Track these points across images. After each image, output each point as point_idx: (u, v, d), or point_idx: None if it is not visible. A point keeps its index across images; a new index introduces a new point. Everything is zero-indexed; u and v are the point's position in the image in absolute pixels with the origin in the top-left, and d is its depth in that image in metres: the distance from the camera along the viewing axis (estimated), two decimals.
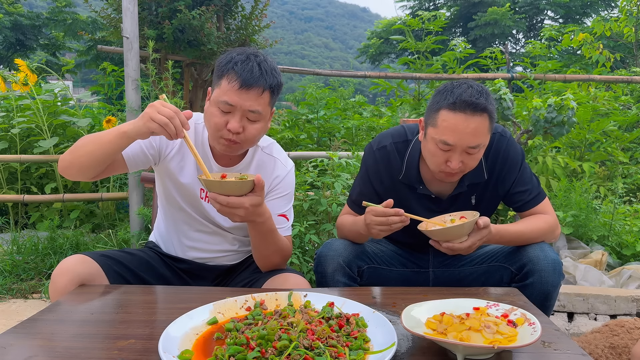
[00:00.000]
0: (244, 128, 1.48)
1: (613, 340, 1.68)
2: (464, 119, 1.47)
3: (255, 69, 1.45)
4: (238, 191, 1.34)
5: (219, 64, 1.50)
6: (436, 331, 1.09)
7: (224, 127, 1.47)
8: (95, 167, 1.49)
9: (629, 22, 7.10)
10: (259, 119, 1.50)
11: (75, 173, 1.52)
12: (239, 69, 1.45)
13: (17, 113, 4.52)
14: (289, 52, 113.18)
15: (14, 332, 1.16)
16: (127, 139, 1.43)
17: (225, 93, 1.45)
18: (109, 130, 1.46)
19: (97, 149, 1.46)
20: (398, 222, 1.47)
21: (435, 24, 5.32)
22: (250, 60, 1.46)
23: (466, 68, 5.76)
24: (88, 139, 1.49)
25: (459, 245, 1.47)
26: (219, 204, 1.34)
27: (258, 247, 1.57)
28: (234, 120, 1.46)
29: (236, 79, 1.44)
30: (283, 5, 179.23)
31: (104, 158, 1.47)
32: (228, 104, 1.45)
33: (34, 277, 3.33)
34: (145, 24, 4.70)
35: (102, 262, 1.51)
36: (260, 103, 1.47)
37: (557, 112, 3.39)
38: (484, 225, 1.47)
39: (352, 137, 5.02)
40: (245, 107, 1.46)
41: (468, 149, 1.50)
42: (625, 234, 3.37)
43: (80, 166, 1.50)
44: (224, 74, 1.47)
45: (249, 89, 1.44)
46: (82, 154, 1.48)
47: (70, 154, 1.51)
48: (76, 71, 13.84)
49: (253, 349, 1.00)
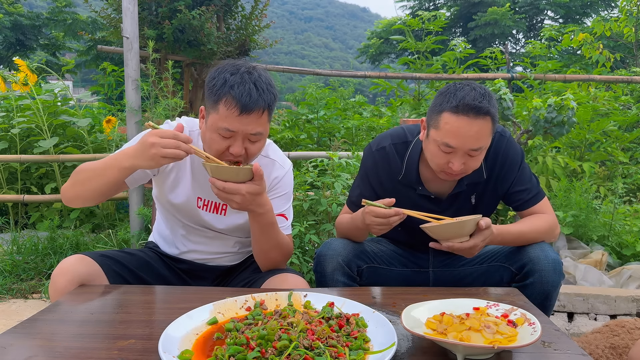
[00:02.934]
0: (246, 149, 1.46)
1: (614, 341, 1.68)
2: (466, 122, 1.46)
3: (252, 91, 1.40)
4: (235, 177, 1.36)
5: (212, 85, 1.43)
6: (436, 331, 1.09)
7: (226, 151, 1.45)
8: (99, 198, 1.54)
9: (629, 22, 7.10)
10: (260, 139, 1.48)
11: (81, 204, 1.57)
12: (237, 94, 1.38)
13: (17, 113, 4.52)
14: (289, 52, 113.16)
15: (14, 332, 1.16)
16: (130, 172, 1.46)
17: (225, 120, 1.40)
18: (108, 163, 1.46)
19: (100, 185, 1.48)
20: (397, 220, 1.48)
21: (435, 24, 5.32)
22: (246, 82, 1.40)
23: (466, 68, 5.76)
24: (89, 173, 1.50)
25: (460, 245, 1.45)
26: (216, 188, 1.36)
27: (258, 241, 1.57)
28: (236, 145, 1.43)
29: (235, 104, 1.38)
30: (283, 5, 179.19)
31: (108, 191, 1.51)
32: (229, 130, 1.41)
33: (34, 277, 3.33)
34: (145, 24, 4.70)
35: (101, 262, 1.51)
36: (261, 124, 1.44)
37: (557, 112, 3.38)
38: (486, 226, 1.46)
39: (352, 137, 5.02)
40: (248, 131, 1.42)
41: (470, 152, 1.50)
42: (625, 234, 3.37)
43: (85, 199, 1.54)
44: (221, 97, 1.40)
45: (250, 114, 1.40)
46: (85, 190, 1.51)
47: (72, 187, 1.54)
48: (76, 71, 13.86)
49: (253, 349, 1.00)
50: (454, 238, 1.45)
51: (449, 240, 1.45)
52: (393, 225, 1.49)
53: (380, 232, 1.52)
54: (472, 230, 1.46)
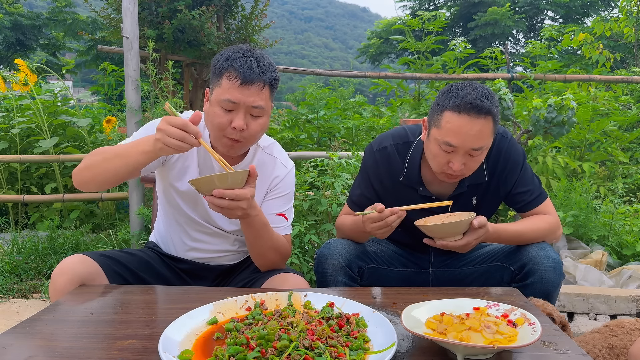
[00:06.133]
0: (247, 125, 1.48)
1: (612, 341, 1.67)
2: (468, 121, 1.46)
3: (254, 64, 1.46)
4: (239, 183, 1.33)
5: (215, 63, 1.50)
6: (436, 331, 1.09)
7: (228, 126, 1.47)
8: (116, 181, 1.50)
9: (629, 22, 7.10)
10: (262, 114, 1.50)
11: (94, 187, 1.53)
12: (238, 66, 1.44)
13: (17, 113, 4.52)
14: (289, 52, 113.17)
15: (14, 332, 1.16)
16: (150, 159, 1.42)
17: (227, 91, 1.45)
18: (129, 146, 1.44)
19: (121, 167, 1.44)
20: (396, 219, 1.48)
21: (435, 24, 5.32)
22: (248, 57, 1.47)
23: (466, 68, 5.76)
24: (108, 154, 1.47)
25: (453, 244, 1.49)
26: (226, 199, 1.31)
27: (254, 245, 1.56)
28: (238, 118, 1.46)
29: (236, 76, 1.44)
30: (283, 5, 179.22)
31: (127, 173, 1.47)
32: (231, 102, 1.45)
33: (34, 277, 3.33)
34: (145, 24, 4.70)
35: (101, 262, 1.51)
36: (262, 98, 1.48)
37: (557, 112, 3.39)
38: (479, 225, 1.47)
39: (352, 137, 5.02)
40: (249, 103, 1.46)
41: (471, 151, 1.50)
42: (625, 234, 3.38)
43: (102, 181, 1.50)
44: (223, 72, 1.47)
45: (250, 85, 1.45)
46: (104, 171, 1.47)
47: (88, 170, 1.49)
48: (76, 71, 13.86)
49: (253, 349, 1.00)
50: (448, 237, 1.49)
51: (443, 238, 1.50)
52: (393, 226, 1.50)
53: (384, 234, 1.53)
54: (465, 229, 1.49)
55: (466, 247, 1.50)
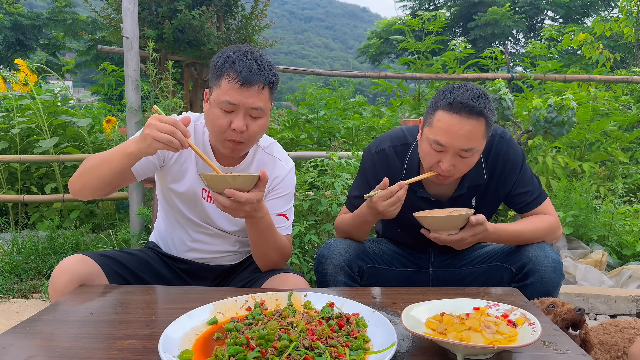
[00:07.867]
0: (247, 126, 1.48)
1: (603, 338, 1.69)
2: (458, 120, 1.47)
3: (253, 65, 1.45)
4: (249, 186, 1.35)
5: (215, 64, 1.50)
6: (436, 331, 1.09)
7: (228, 128, 1.47)
8: (106, 187, 1.51)
9: (629, 22, 7.11)
10: (261, 115, 1.50)
11: (89, 195, 1.55)
12: (238, 67, 1.44)
13: (17, 113, 4.52)
14: (289, 52, 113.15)
15: (14, 332, 1.16)
16: (135, 158, 1.43)
17: (227, 93, 1.45)
18: (114, 150, 1.45)
19: (107, 172, 1.46)
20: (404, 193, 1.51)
21: (435, 24, 5.32)
22: (247, 58, 1.46)
23: (466, 68, 5.76)
24: (95, 161, 1.49)
25: (446, 237, 1.49)
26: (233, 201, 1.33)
27: (257, 245, 1.57)
28: (237, 119, 1.46)
29: (236, 77, 1.44)
30: (283, 5, 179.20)
31: (114, 179, 1.48)
32: (230, 104, 1.45)
33: (34, 277, 3.33)
34: (145, 24, 4.70)
35: (101, 262, 1.51)
36: (261, 99, 1.48)
37: (557, 112, 3.39)
38: (476, 223, 1.47)
39: (352, 137, 5.02)
40: (248, 105, 1.46)
41: (461, 152, 1.50)
42: (625, 234, 3.38)
43: (92, 189, 1.52)
44: (223, 73, 1.46)
45: (250, 86, 1.44)
46: (92, 178, 1.49)
47: (79, 178, 1.52)
48: (76, 71, 13.86)
49: (253, 349, 1.00)
50: (443, 230, 1.49)
51: (438, 231, 1.50)
52: (402, 199, 1.52)
53: (395, 211, 1.53)
54: (462, 225, 1.49)
55: (461, 242, 1.50)
